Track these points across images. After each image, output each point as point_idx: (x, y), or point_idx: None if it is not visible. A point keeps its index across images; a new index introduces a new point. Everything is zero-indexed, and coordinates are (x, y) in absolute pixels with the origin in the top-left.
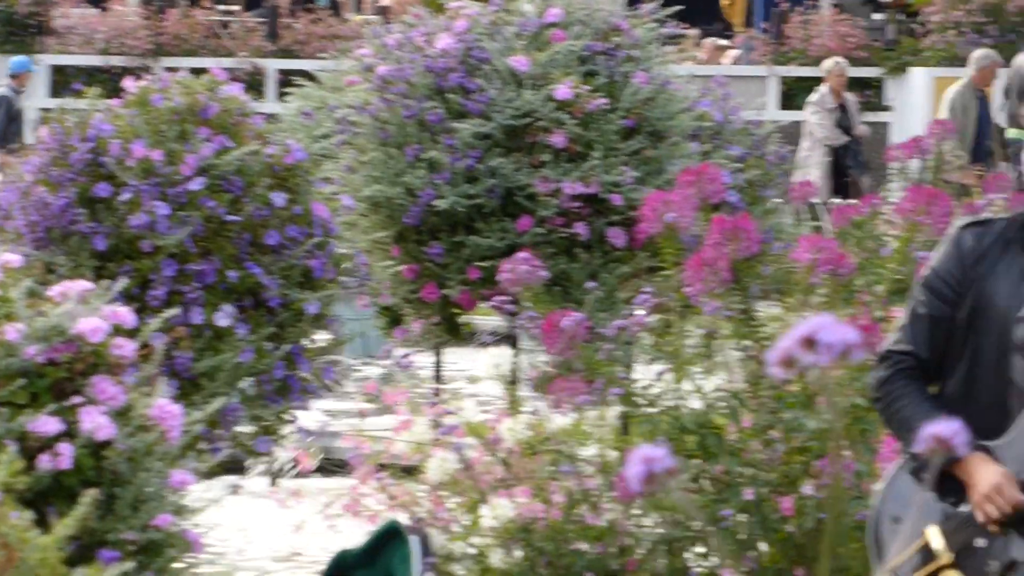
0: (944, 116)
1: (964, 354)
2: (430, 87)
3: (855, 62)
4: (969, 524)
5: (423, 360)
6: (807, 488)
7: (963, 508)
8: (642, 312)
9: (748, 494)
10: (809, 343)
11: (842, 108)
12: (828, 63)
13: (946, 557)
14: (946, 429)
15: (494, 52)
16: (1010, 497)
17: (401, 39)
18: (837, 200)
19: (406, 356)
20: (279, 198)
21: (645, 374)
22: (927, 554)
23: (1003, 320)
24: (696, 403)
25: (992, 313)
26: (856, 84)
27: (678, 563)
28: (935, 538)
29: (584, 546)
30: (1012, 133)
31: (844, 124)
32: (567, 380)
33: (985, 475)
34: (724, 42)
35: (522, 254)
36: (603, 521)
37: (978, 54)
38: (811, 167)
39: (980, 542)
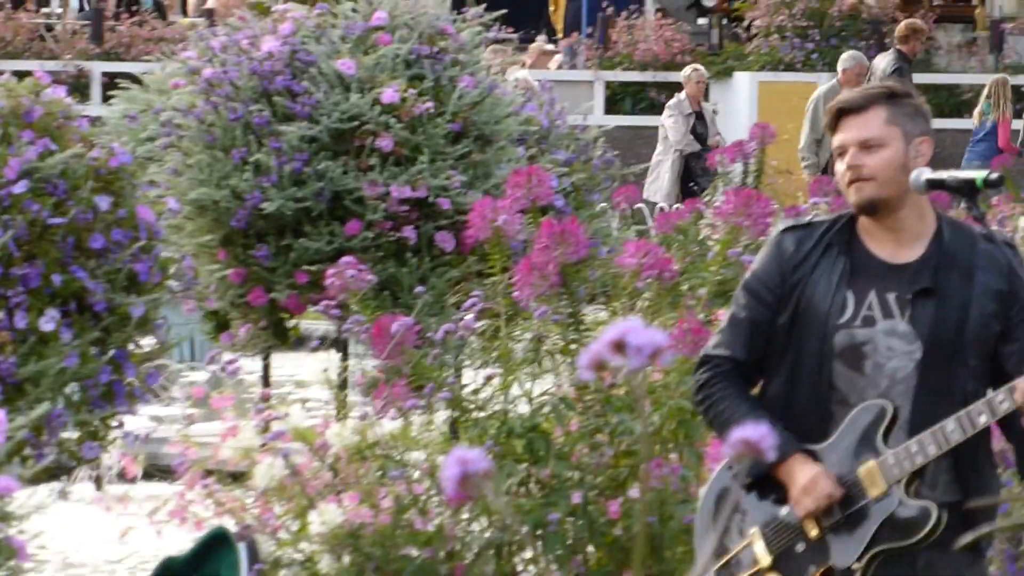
0: (807, 117)
1: (786, 358)
2: (256, 90)
3: (680, 67)
4: (789, 528)
5: (251, 365)
6: (634, 492)
7: (784, 511)
8: (471, 316)
9: (576, 498)
10: (619, 346)
11: (699, 116)
12: (687, 70)
13: (766, 560)
14: (754, 433)
15: (320, 55)
16: (824, 488)
17: (226, 42)
18: (666, 206)
19: (233, 361)
20: (103, 201)
21: (474, 378)
22: (749, 556)
23: (823, 325)
24: (524, 407)
25: (812, 318)
26: (681, 89)
27: (506, 567)
28: (757, 541)
29: (413, 551)
30: None
31: (699, 132)
32: (396, 385)
33: (803, 472)
34: (550, 47)
35: (348, 259)
36: (431, 526)
37: (845, 56)
38: (662, 172)
39: (800, 547)
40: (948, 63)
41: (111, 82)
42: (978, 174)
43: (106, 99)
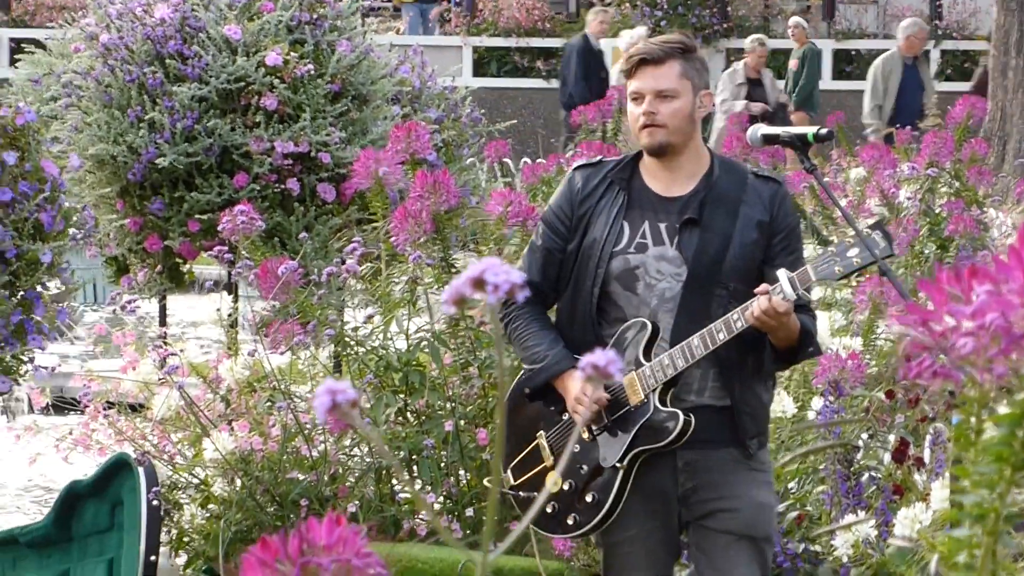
0: (868, 83)
1: (571, 282)
2: (149, 53)
3: (540, 33)
4: (568, 430)
5: (148, 306)
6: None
7: (565, 417)
8: (352, 260)
9: (448, 426)
10: (478, 283)
11: (756, 82)
12: (750, 40)
13: (549, 460)
14: (602, 359)
15: (208, 21)
16: (593, 395)
17: (122, 9)
18: None
19: (132, 301)
20: (10, 157)
21: (355, 317)
22: (537, 456)
23: (600, 252)
24: (401, 343)
25: (592, 246)
26: (542, 54)
27: (385, 489)
28: (543, 443)
29: (299, 475)
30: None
31: (756, 98)
32: (284, 323)
33: (575, 384)
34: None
35: (241, 206)
36: (316, 452)
37: (906, 23)
38: (711, 135)
39: (575, 448)
40: (784, 29)
41: (18, 47)
42: (809, 129)
43: (13, 63)
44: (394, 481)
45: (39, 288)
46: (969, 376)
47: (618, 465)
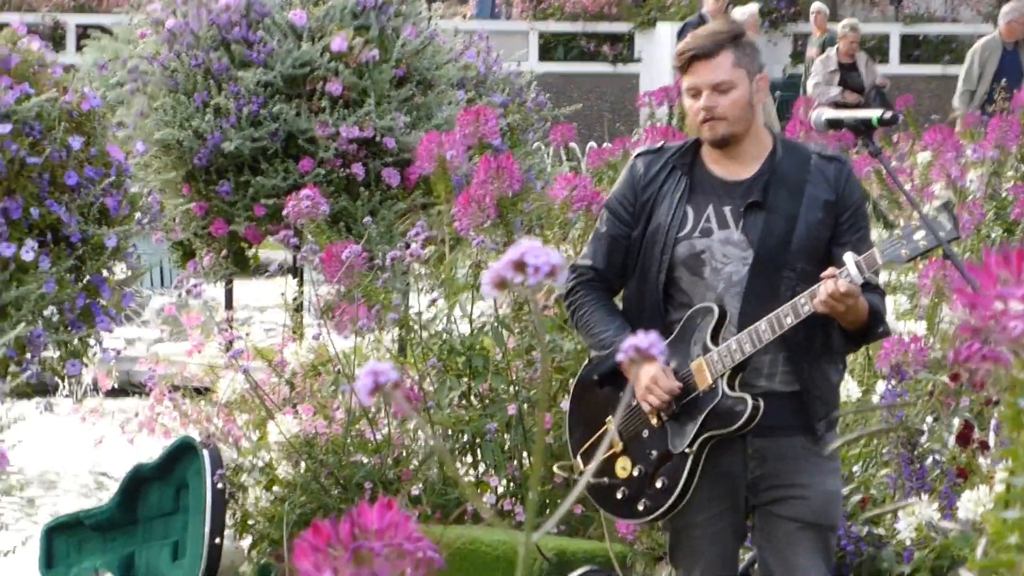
0: (963, 67)
1: (638, 267)
2: (215, 39)
3: (607, 18)
4: (636, 416)
5: (214, 291)
6: (565, 404)
7: (634, 403)
8: (416, 245)
9: (511, 410)
10: (519, 266)
11: (850, 67)
12: (841, 26)
13: (618, 445)
14: (644, 341)
15: (273, 7)
16: (665, 385)
17: None
18: None
19: (197, 286)
20: (76, 141)
21: (419, 301)
22: (606, 441)
23: (664, 238)
24: (465, 327)
25: (656, 232)
26: (608, 38)
27: (449, 472)
28: (612, 428)
29: (363, 458)
30: None
31: (851, 83)
32: (348, 307)
33: (645, 371)
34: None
35: (306, 190)
36: (380, 435)
37: (1007, 7)
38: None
39: (645, 433)
40: (852, 13)
41: (84, 33)
42: (874, 113)
43: (79, 48)
44: (458, 464)
45: (105, 272)
46: (1019, 358)
47: (687, 451)
